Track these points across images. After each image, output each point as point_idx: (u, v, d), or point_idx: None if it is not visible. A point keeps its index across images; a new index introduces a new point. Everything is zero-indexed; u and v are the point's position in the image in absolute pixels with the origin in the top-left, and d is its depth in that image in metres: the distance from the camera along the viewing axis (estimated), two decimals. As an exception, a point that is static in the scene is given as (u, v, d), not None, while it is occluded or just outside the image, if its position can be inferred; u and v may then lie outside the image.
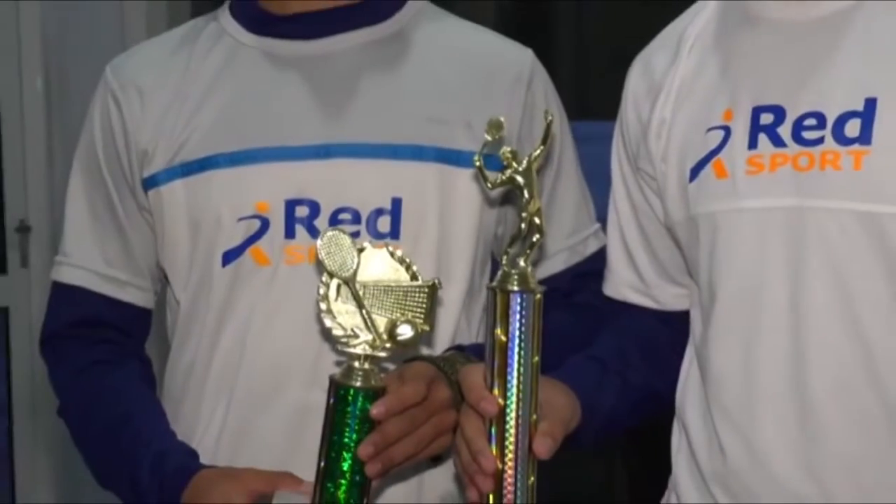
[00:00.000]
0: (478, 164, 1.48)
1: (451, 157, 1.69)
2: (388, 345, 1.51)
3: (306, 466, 1.54)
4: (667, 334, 1.68)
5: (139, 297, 1.79)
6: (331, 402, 1.51)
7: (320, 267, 1.52)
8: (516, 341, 1.45)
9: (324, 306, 1.51)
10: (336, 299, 1.51)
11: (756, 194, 1.50)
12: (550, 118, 1.48)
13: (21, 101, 3.40)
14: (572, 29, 4.00)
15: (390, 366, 1.58)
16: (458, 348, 1.67)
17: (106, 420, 1.73)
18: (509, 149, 1.48)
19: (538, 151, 1.47)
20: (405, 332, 1.51)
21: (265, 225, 1.67)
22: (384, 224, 1.67)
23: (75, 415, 1.78)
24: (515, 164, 1.47)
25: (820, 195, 1.46)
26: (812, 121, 1.47)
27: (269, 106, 1.70)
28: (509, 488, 1.45)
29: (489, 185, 1.49)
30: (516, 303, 1.45)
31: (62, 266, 1.80)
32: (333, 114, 1.69)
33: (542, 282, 1.54)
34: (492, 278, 1.50)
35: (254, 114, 1.70)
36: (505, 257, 1.48)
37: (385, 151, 1.68)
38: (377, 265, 1.52)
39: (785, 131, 1.49)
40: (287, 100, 1.70)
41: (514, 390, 1.45)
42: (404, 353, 1.57)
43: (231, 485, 1.58)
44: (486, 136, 1.47)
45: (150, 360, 1.83)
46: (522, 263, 1.46)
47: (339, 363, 1.57)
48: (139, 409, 1.73)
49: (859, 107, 1.44)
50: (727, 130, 1.53)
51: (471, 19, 1.83)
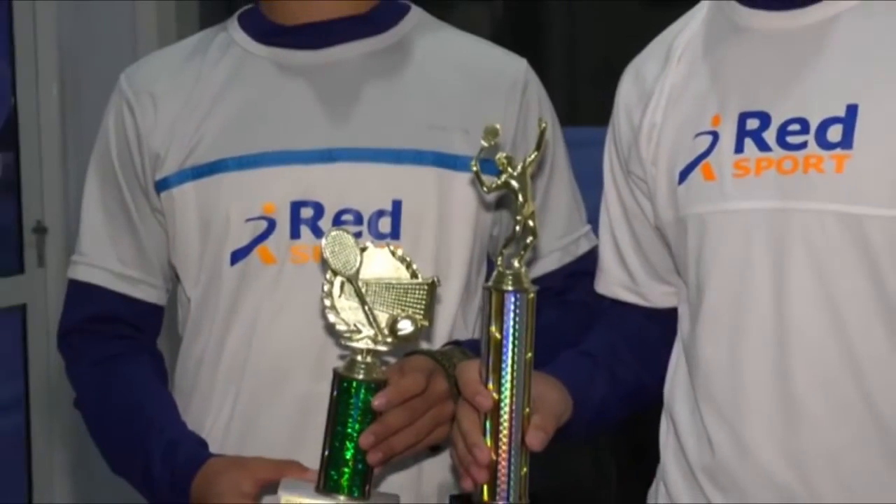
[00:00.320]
0: (474, 169, 1.48)
1: (450, 161, 1.69)
2: (389, 340, 1.52)
3: (310, 455, 1.55)
4: (655, 330, 1.68)
5: (152, 294, 1.79)
6: (334, 393, 1.51)
7: (325, 265, 1.52)
8: (510, 339, 1.45)
9: (328, 303, 1.52)
10: (340, 296, 1.52)
11: (742, 196, 1.50)
12: (544, 125, 1.48)
13: (38, 108, 3.40)
14: (564, 40, 4.00)
15: (391, 359, 1.59)
16: (456, 343, 1.67)
17: (120, 411, 1.73)
18: (504, 154, 1.48)
19: (532, 157, 1.47)
20: (405, 327, 1.51)
21: (272, 225, 1.67)
22: (385, 225, 1.67)
23: (91, 406, 1.78)
24: (510, 169, 1.47)
25: (803, 197, 1.46)
26: (796, 126, 1.47)
27: (276, 112, 1.70)
28: (503, 478, 1.45)
29: (485, 189, 1.49)
30: (510, 302, 1.45)
31: (78, 265, 1.80)
32: (338, 120, 1.69)
33: (536, 280, 1.54)
34: (487, 278, 1.50)
35: (261, 119, 1.70)
36: (500, 258, 1.48)
37: (386, 156, 1.68)
38: (379, 264, 1.53)
39: (770, 136, 1.49)
40: (293, 106, 1.70)
41: (508, 385, 1.45)
42: (404, 348, 1.58)
43: (239, 473, 1.59)
44: (482, 142, 1.47)
45: (161, 354, 1.83)
46: (517, 264, 1.46)
47: (342, 357, 1.58)
48: (151, 401, 1.73)
49: (841, 112, 1.45)
50: (715, 135, 1.53)
51: (467, 30, 1.83)
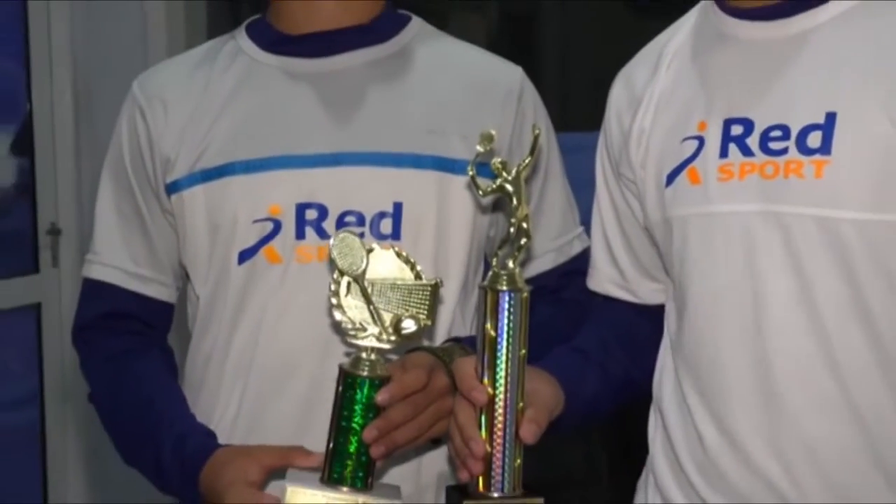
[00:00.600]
0: (471, 173, 1.49)
1: (448, 165, 1.69)
2: (393, 338, 1.51)
3: (315, 448, 1.55)
4: (645, 326, 1.68)
5: (162, 292, 1.79)
6: (339, 389, 1.51)
7: (332, 265, 1.52)
8: (504, 336, 1.46)
9: (335, 301, 1.52)
10: (346, 295, 1.52)
11: (726, 200, 1.50)
12: (538, 132, 1.49)
13: (52, 114, 3.39)
14: (557, 49, 4.00)
15: (393, 356, 1.59)
16: (456, 340, 1.67)
17: (132, 404, 1.74)
18: (500, 159, 1.48)
19: (526, 162, 1.48)
20: (409, 326, 1.51)
21: (277, 227, 1.67)
22: (386, 226, 1.67)
23: (104, 399, 1.79)
24: (505, 174, 1.47)
25: (784, 201, 1.46)
26: (778, 132, 1.48)
27: (283, 118, 1.70)
28: (497, 470, 1.46)
29: (481, 193, 1.49)
30: (505, 301, 1.46)
31: (92, 264, 1.80)
32: (341, 125, 1.69)
33: (531, 279, 1.54)
34: (484, 277, 1.51)
35: (268, 125, 1.70)
36: (495, 259, 1.48)
37: (388, 160, 1.68)
38: (384, 264, 1.53)
39: (753, 142, 1.49)
40: (299, 112, 1.70)
41: (503, 381, 1.46)
42: (406, 345, 1.58)
43: (245, 460, 1.59)
44: (478, 147, 1.48)
45: (171, 349, 1.83)
46: (511, 265, 1.47)
47: (346, 353, 1.58)
48: (161, 395, 1.73)
49: (820, 120, 1.45)
50: (701, 140, 1.54)
51: (465, 39, 1.83)
